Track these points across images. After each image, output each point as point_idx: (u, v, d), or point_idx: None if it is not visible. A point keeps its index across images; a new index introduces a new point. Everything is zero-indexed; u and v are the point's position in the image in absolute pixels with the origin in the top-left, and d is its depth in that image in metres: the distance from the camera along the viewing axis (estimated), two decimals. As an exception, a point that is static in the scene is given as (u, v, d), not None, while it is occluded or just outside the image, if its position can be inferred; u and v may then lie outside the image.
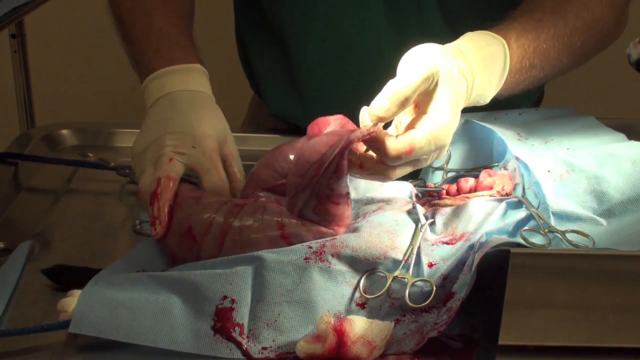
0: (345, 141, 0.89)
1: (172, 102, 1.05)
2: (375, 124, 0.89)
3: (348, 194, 0.92)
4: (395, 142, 0.90)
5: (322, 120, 0.95)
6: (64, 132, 1.31)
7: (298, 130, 1.33)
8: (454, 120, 0.94)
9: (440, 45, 0.97)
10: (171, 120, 1.03)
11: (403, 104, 0.90)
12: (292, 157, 0.98)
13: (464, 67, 0.97)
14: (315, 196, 0.92)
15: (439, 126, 0.92)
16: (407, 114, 0.95)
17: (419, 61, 0.92)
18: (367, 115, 0.90)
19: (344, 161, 0.90)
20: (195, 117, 1.03)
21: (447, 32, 1.24)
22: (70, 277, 0.93)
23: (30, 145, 1.27)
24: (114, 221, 1.08)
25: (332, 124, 0.95)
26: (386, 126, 0.93)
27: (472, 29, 1.05)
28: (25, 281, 0.96)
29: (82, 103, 2.36)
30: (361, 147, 0.93)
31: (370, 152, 0.93)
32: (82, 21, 2.30)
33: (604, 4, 1.15)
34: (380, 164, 0.92)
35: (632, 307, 0.85)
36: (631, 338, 0.86)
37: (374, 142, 0.90)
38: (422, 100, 0.94)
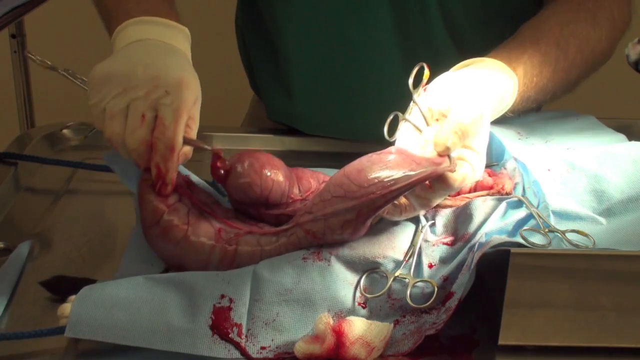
0: (432, 171, 0.90)
1: (150, 46, 0.98)
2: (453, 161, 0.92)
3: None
4: (455, 175, 0.93)
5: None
6: (64, 132, 1.31)
7: (298, 130, 1.33)
8: None
9: (484, 81, 1.00)
10: (148, 56, 0.95)
11: (464, 140, 0.93)
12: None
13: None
14: (358, 212, 0.90)
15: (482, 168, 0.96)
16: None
17: (476, 100, 0.95)
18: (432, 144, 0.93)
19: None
20: (176, 61, 0.96)
21: (450, 45, 1.25)
22: (68, 288, 0.91)
23: (30, 145, 1.27)
24: (114, 221, 1.08)
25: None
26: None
27: (473, 39, 1.06)
28: (25, 281, 0.96)
29: (82, 103, 2.36)
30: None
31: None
32: (82, 21, 2.30)
33: (603, 39, 1.16)
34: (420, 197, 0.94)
35: (632, 307, 0.85)
36: (631, 338, 0.86)
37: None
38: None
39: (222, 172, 0.95)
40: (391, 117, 0.95)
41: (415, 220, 0.97)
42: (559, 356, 0.86)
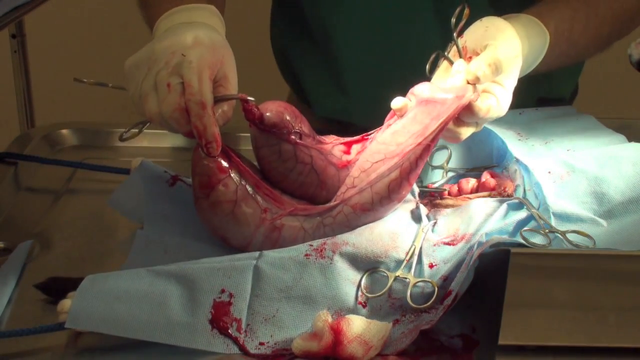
0: (458, 106, 0.93)
1: (171, 29, 1.00)
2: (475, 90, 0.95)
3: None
4: (480, 104, 0.96)
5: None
6: (64, 132, 1.31)
7: (345, 129, 1.32)
8: None
9: (519, 32, 1.02)
10: (166, 35, 0.98)
11: (496, 74, 0.95)
12: None
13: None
14: (401, 168, 0.93)
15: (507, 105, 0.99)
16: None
17: (512, 38, 0.98)
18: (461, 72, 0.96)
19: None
20: (191, 28, 0.98)
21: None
22: (63, 289, 0.91)
23: (30, 145, 1.27)
24: (114, 221, 1.08)
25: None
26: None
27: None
28: (25, 281, 0.96)
29: (82, 103, 2.36)
30: None
31: None
32: (82, 21, 2.30)
33: None
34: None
35: (632, 307, 0.85)
36: (631, 338, 0.86)
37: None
38: None
39: (257, 110, 0.95)
40: (433, 56, 1.00)
41: (418, 220, 0.98)
42: (559, 356, 0.86)
